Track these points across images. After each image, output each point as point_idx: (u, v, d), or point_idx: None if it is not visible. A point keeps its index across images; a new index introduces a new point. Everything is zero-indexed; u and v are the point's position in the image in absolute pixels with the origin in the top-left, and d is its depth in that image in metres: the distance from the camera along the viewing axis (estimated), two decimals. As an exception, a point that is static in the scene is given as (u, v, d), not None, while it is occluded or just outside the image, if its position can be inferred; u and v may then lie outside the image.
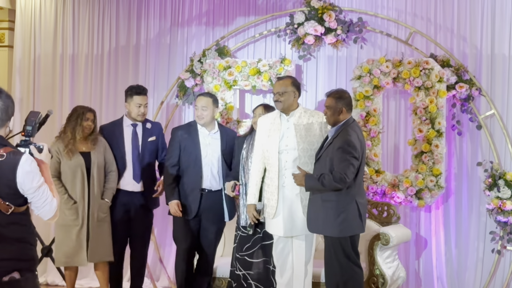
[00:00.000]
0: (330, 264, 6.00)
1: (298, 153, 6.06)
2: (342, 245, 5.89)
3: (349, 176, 5.77)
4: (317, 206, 5.91)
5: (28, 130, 3.91)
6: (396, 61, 7.82)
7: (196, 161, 6.72)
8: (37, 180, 3.81)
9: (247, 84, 8.07)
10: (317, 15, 8.04)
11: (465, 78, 7.81)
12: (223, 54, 8.31)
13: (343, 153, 5.79)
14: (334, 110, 6.00)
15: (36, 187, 3.80)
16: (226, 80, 8.09)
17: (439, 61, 7.83)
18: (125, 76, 8.80)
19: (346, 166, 5.77)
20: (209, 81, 8.12)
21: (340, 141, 5.84)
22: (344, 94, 6.12)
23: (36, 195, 3.82)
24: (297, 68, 8.25)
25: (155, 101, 8.67)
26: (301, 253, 6.19)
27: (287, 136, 6.12)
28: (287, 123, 6.17)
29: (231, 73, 8.08)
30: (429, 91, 7.68)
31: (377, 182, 7.70)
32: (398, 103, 8.17)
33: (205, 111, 6.67)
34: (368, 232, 6.70)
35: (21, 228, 3.89)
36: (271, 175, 6.17)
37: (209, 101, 6.70)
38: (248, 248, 6.46)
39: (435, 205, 7.83)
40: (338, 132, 5.94)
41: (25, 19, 8.96)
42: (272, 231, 6.25)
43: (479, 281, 7.85)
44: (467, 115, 7.87)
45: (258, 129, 6.29)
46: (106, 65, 8.88)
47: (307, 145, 6.08)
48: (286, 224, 6.12)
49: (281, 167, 6.11)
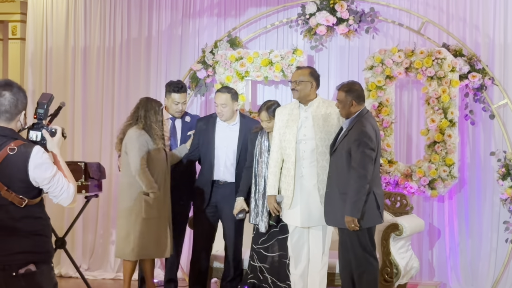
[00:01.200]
0: (346, 256, 6.02)
1: (316, 142, 6.09)
2: (358, 236, 5.91)
3: (369, 170, 5.81)
4: (335, 199, 5.93)
5: (40, 113, 3.89)
6: (408, 51, 7.83)
7: (207, 152, 6.79)
8: (50, 171, 3.80)
9: (259, 75, 8.11)
10: (329, 5, 8.06)
11: (477, 68, 7.82)
12: (235, 45, 8.35)
13: (360, 146, 5.81)
14: (345, 104, 6.03)
15: (50, 177, 3.80)
16: (238, 71, 8.13)
17: (451, 50, 7.84)
18: (137, 68, 8.86)
19: (364, 161, 5.81)
20: (221, 72, 8.16)
21: (356, 133, 5.86)
22: (354, 86, 6.14)
23: (51, 185, 3.82)
24: (309, 59, 8.28)
25: (167, 92, 8.66)
26: (318, 243, 6.21)
27: (305, 126, 6.15)
28: (305, 113, 6.19)
29: (243, 64, 8.11)
30: (442, 81, 7.69)
31: (390, 173, 7.71)
32: (411, 93, 8.19)
33: (224, 108, 6.71)
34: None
35: (36, 221, 3.90)
36: (288, 165, 6.19)
37: (228, 98, 6.73)
38: (264, 242, 6.48)
39: (448, 195, 7.84)
40: (353, 124, 5.96)
41: (37, 11, 9.00)
42: (288, 221, 6.27)
43: (492, 271, 7.86)
44: (480, 104, 7.88)
45: (276, 120, 6.30)
46: (118, 57, 8.92)
47: (325, 134, 6.10)
48: (303, 215, 6.14)
49: (298, 157, 6.13)
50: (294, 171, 6.16)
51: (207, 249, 6.93)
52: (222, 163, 6.77)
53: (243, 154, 6.73)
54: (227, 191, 6.75)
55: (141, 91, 8.64)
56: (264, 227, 6.40)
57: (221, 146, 6.78)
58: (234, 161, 6.78)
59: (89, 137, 8.97)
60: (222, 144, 6.78)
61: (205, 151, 6.79)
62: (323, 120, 6.15)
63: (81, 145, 8.90)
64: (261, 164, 6.46)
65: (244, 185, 6.61)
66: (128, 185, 6.61)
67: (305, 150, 6.14)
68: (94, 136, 8.95)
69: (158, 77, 8.77)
